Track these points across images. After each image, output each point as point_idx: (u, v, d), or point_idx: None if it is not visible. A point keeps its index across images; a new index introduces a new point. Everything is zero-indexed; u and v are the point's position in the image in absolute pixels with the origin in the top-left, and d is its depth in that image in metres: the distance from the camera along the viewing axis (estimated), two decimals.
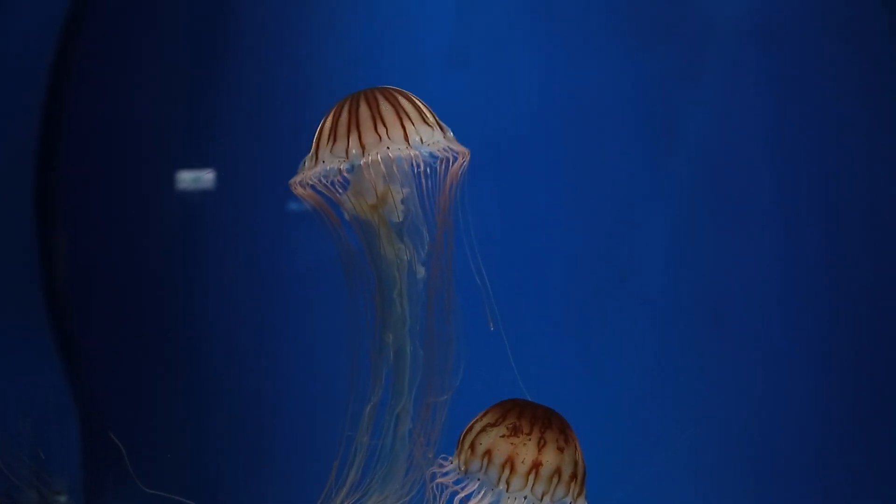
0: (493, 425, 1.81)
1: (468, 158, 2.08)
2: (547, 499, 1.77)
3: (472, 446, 1.81)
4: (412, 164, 2.04)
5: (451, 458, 1.87)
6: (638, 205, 2.91)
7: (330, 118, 2.05)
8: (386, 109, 2.01)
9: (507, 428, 1.79)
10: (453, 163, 2.07)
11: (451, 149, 2.06)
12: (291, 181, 2.09)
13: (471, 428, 1.85)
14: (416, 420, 2.14)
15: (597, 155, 2.90)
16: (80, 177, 3.17)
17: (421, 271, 2.16)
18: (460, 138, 2.59)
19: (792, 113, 2.90)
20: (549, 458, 1.78)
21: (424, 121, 2.04)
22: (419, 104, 2.06)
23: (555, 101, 2.90)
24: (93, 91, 3.14)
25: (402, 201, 2.10)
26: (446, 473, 1.87)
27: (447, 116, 2.25)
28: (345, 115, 2.02)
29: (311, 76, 3.02)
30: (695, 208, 2.91)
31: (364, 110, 2.01)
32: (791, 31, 2.89)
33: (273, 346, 3.08)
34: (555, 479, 1.77)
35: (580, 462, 1.82)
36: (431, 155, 2.05)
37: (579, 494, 1.82)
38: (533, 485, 1.76)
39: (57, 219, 3.16)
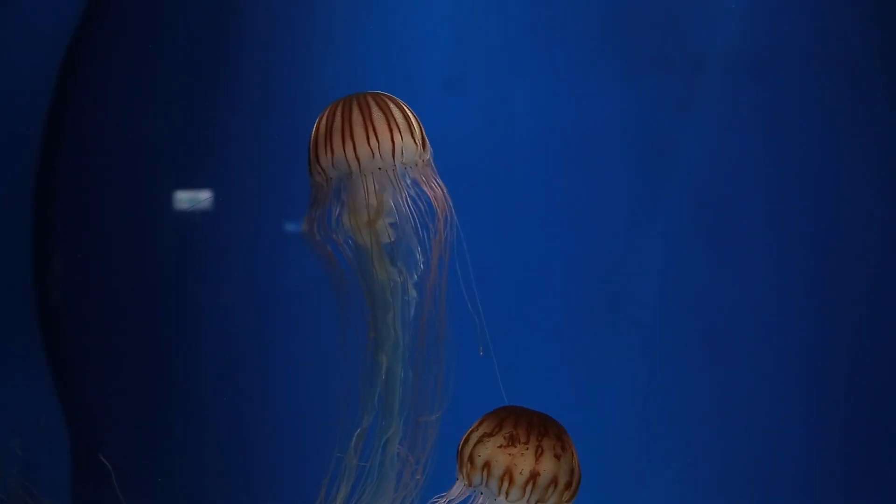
0: (489, 435, 1.80)
1: (449, 201, 2.12)
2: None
3: (472, 458, 1.80)
4: (401, 189, 2.07)
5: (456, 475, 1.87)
6: (632, 231, 2.93)
7: (324, 122, 2.07)
8: (378, 118, 2.03)
9: (504, 438, 1.79)
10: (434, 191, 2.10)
11: (427, 178, 2.09)
12: (305, 226, 2.12)
13: (467, 439, 1.84)
14: (406, 441, 2.14)
15: (592, 182, 2.92)
16: (79, 194, 3.18)
17: (413, 294, 2.17)
18: (457, 163, 2.61)
19: (784, 142, 2.93)
20: (547, 467, 1.78)
21: (412, 133, 2.06)
22: (408, 113, 2.09)
23: (551, 128, 2.92)
24: (91, 110, 3.15)
25: (393, 223, 2.12)
26: (452, 498, 1.88)
27: (444, 142, 2.27)
28: (338, 120, 2.04)
29: (309, 100, 3.04)
30: (689, 235, 2.93)
31: (357, 117, 2.03)
32: (783, 62, 2.91)
33: (269, 367, 3.07)
34: (551, 489, 1.78)
35: (576, 469, 1.83)
36: (415, 183, 2.07)
37: (568, 501, 1.83)
38: (530, 495, 1.77)
39: (53, 236, 3.16)
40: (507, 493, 1.77)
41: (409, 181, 2.10)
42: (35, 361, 3.07)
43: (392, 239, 2.13)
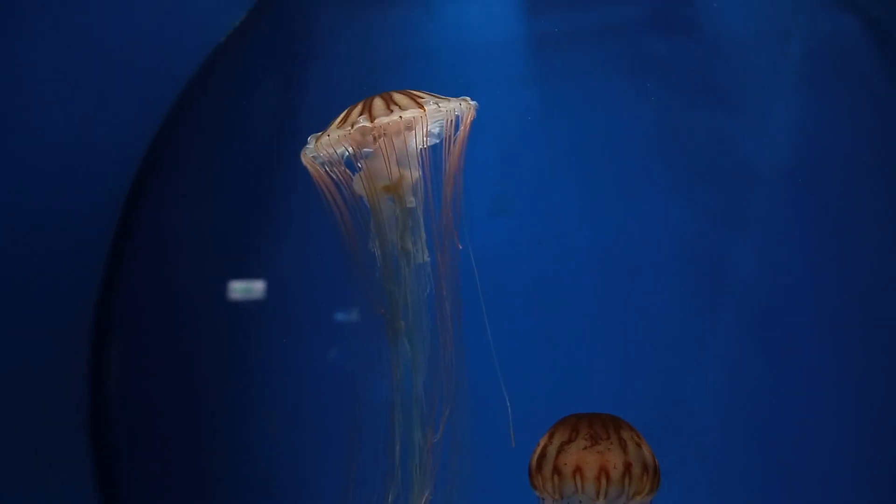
0: (568, 442, 1.78)
1: (474, 112, 2.14)
2: (637, 499, 1.75)
3: (558, 469, 1.76)
4: (420, 145, 2.10)
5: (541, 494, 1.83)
6: (687, 349, 2.87)
7: (343, 112, 2.12)
8: (399, 99, 2.08)
9: (586, 439, 1.77)
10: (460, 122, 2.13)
11: (462, 107, 2.12)
12: (304, 151, 2.14)
13: (543, 454, 1.81)
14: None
15: (644, 299, 2.88)
16: (139, 286, 3.25)
17: (424, 257, 2.18)
18: (507, 284, 2.60)
19: (840, 254, 2.86)
20: (635, 455, 1.77)
21: (439, 98, 2.11)
22: (433, 95, 2.13)
23: (600, 245, 2.91)
24: (157, 208, 3.25)
25: (412, 187, 2.15)
26: None
27: (492, 263, 2.29)
28: (359, 106, 2.10)
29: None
30: (746, 353, 2.85)
31: (378, 101, 2.08)
32: (835, 173, 2.86)
33: (320, 463, 3.06)
34: (645, 477, 1.76)
35: (653, 455, 1.83)
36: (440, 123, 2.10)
37: (656, 487, 1.82)
38: (628, 488, 1.74)
39: (112, 326, 3.23)
40: (605, 493, 1.73)
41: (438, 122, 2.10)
42: (84, 458, 3.13)
43: (412, 203, 2.15)
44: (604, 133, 2.91)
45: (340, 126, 2.08)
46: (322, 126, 3.09)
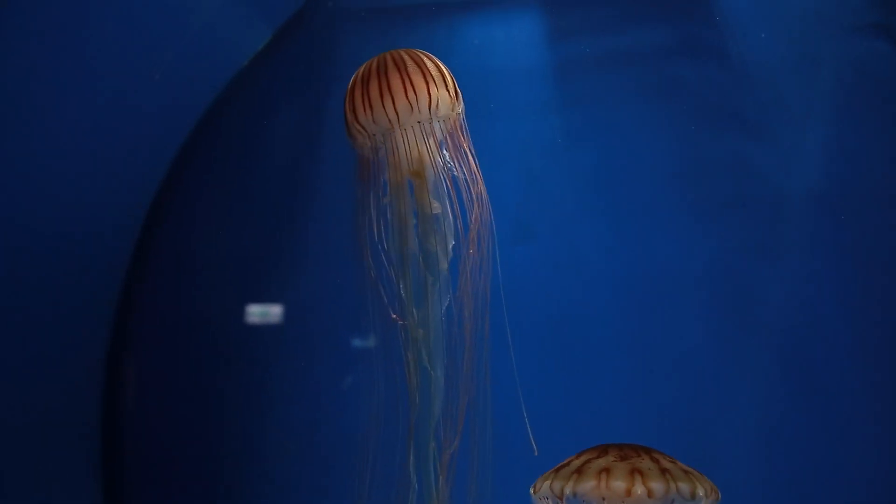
0: (596, 458, 1.69)
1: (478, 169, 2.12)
2: (700, 492, 1.63)
3: (581, 470, 1.66)
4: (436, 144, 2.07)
5: (537, 492, 1.74)
6: (714, 380, 2.79)
7: (360, 79, 2.10)
8: (413, 70, 2.05)
9: (616, 456, 1.68)
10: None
11: (457, 136, 2.11)
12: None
13: (567, 463, 1.72)
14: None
15: (670, 330, 2.81)
16: (156, 305, 3.24)
17: (444, 264, 2.14)
18: (526, 312, 2.56)
19: (869, 284, 2.79)
20: (670, 466, 1.66)
21: (446, 86, 2.09)
22: (441, 66, 2.12)
23: (624, 275, 2.85)
24: (176, 230, 3.25)
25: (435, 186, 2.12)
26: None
27: (513, 291, 2.25)
28: (374, 76, 2.07)
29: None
30: (779, 387, 2.77)
31: (393, 71, 2.05)
32: (864, 201, 2.81)
33: (333, 490, 3.01)
34: (692, 476, 1.64)
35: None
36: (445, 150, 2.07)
37: (718, 494, 1.67)
38: (675, 482, 1.61)
39: (128, 346, 3.21)
40: (647, 487, 1.60)
41: (441, 139, 2.10)
42: (95, 475, 3.10)
43: (437, 209, 2.11)
44: (629, 160, 2.88)
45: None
46: (342, 149, 3.12)
